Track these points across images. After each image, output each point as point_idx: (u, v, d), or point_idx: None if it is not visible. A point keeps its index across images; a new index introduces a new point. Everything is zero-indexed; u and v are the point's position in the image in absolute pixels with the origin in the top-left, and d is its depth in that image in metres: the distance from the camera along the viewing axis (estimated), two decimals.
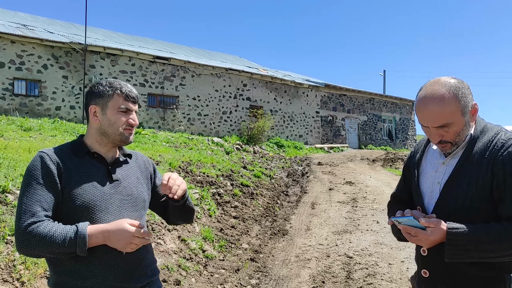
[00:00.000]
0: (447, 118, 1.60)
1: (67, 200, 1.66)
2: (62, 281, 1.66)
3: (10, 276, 3.42)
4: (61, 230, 1.57)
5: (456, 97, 1.60)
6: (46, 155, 1.68)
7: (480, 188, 1.59)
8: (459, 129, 1.64)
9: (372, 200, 8.98)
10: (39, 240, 1.53)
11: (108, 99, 1.78)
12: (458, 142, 1.67)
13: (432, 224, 1.60)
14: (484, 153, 1.62)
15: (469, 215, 1.61)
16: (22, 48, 15.34)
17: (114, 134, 1.79)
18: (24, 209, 1.57)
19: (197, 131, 19.74)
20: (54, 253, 1.56)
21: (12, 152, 6.33)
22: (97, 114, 1.79)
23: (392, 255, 5.49)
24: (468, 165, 1.64)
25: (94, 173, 1.74)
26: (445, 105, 1.59)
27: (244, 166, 11.60)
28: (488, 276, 1.60)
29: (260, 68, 27.42)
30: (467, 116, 1.64)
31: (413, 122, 32.69)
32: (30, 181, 1.63)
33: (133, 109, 1.83)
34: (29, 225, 1.54)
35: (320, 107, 25.89)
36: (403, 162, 14.95)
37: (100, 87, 1.81)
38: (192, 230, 5.92)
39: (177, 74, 19.40)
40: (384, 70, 38.10)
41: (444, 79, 1.66)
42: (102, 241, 1.63)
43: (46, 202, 1.61)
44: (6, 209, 4.32)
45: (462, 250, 1.54)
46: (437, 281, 1.71)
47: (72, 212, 1.65)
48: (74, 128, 12.46)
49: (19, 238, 1.55)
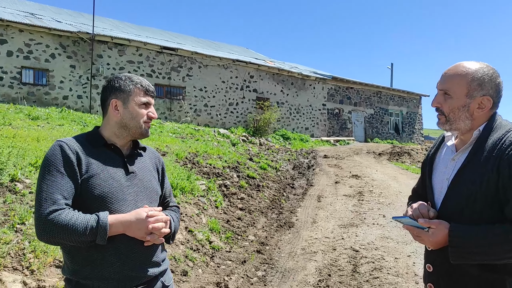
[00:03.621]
0: (450, 86, 1.66)
1: (85, 190, 1.67)
2: (79, 270, 1.68)
3: (20, 265, 3.45)
4: (82, 218, 1.59)
5: (470, 76, 1.64)
6: (65, 144, 1.69)
7: (485, 187, 1.55)
8: (455, 105, 1.66)
9: (378, 194, 8.97)
10: (60, 227, 1.55)
11: (130, 93, 1.82)
12: (452, 120, 1.68)
13: (433, 225, 1.59)
14: (492, 151, 1.57)
15: (474, 215, 1.58)
16: (30, 37, 15.36)
17: (135, 127, 1.83)
18: (45, 197, 1.59)
19: (203, 122, 19.75)
20: (74, 241, 1.58)
21: (20, 141, 6.36)
22: (118, 108, 1.82)
23: (398, 249, 5.48)
24: (475, 162, 1.61)
25: (111, 164, 1.77)
26: (457, 74, 1.66)
27: (250, 158, 11.61)
28: (489, 277, 1.58)
29: (267, 59, 27.32)
30: (470, 101, 1.64)
31: (420, 116, 32.49)
32: (50, 169, 1.64)
33: (152, 103, 1.89)
34: (50, 213, 1.56)
35: (327, 99, 25.80)
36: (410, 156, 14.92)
37: (120, 81, 1.84)
38: (199, 221, 5.94)
39: (184, 65, 19.38)
40: (392, 63, 37.81)
41: (476, 62, 1.69)
42: (122, 231, 1.66)
43: (66, 191, 1.63)
44: (16, 197, 4.35)
45: (464, 253, 1.53)
46: (440, 276, 1.71)
47: (90, 202, 1.67)
48: (81, 117, 12.49)
49: (41, 225, 1.57)
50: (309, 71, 27.32)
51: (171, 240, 1.95)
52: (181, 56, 19.28)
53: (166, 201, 2.04)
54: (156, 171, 1.99)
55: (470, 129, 1.68)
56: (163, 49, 18.57)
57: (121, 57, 17.42)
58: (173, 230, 1.90)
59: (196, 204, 6.43)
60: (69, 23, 18.45)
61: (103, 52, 16.96)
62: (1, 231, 3.68)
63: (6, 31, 14.82)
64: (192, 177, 7.26)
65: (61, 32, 15.88)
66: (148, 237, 1.71)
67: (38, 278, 3.41)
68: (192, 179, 7.15)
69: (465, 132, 1.70)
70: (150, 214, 1.71)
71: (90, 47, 16.50)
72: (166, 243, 1.94)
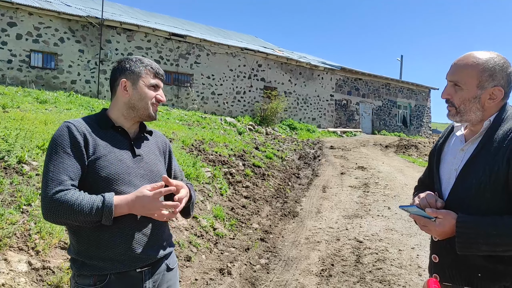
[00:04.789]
0: (461, 77, 1.63)
1: (91, 171, 1.68)
2: (85, 250, 1.69)
3: (25, 245, 3.48)
4: (88, 198, 1.59)
5: (481, 66, 1.61)
6: (73, 126, 1.69)
7: (494, 178, 1.53)
8: (466, 97, 1.63)
9: (384, 186, 8.94)
10: (66, 207, 1.56)
11: (140, 74, 1.83)
12: (462, 112, 1.65)
13: (441, 215, 1.57)
14: (503, 141, 1.55)
15: (482, 205, 1.56)
16: (40, 21, 15.37)
17: (143, 109, 1.83)
18: (52, 177, 1.60)
19: (210, 110, 19.74)
20: (80, 221, 1.59)
21: (28, 123, 6.39)
22: (127, 88, 1.82)
23: (402, 241, 5.48)
24: (484, 153, 1.59)
25: (118, 146, 1.77)
26: (467, 65, 1.63)
27: (256, 147, 11.60)
28: (495, 269, 1.56)
29: (276, 48, 27.16)
30: (482, 92, 1.61)
31: (428, 109, 32.25)
32: (57, 150, 1.64)
33: (161, 86, 1.89)
34: (56, 193, 1.57)
35: (335, 90, 25.66)
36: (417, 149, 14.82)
37: (131, 62, 1.85)
38: (204, 208, 5.96)
39: (192, 52, 19.32)
40: (402, 55, 37.44)
41: (486, 51, 1.66)
42: (127, 211, 1.65)
43: (73, 172, 1.63)
44: (22, 179, 4.39)
45: (472, 243, 1.51)
46: (445, 267, 1.69)
47: (96, 184, 1.68)
48: (89, 102, 12.53)
49: (47, 205, 1.58)
50: (317, 61, 27.15)
51: (191, 211, 1.95)
52: (190, 43, 19.22)
53: None
54: (163, 155, 2.00)
55: (480, 120, 1.66)
56: (171, 36, 18.52)
57: (130, 43, 17.40)
58: (193, 199, 1.91)
59: (201, 191, 6.45)
60: (78, 7, 18.42)
61: (112, 37, 16.94)
62: (8, 211, 3.72)
63: (15, 14, 14.84)
64: (197, 164, 7.27)
65: (71, 16, 15.87)
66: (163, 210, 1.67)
67: (43, 258, 3.44)
68: (197, 166, 7.16)
69: (475, 124, 1.68)
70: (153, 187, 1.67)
71: (99, 32, 16.49)
72: (184, 217, 1.96)
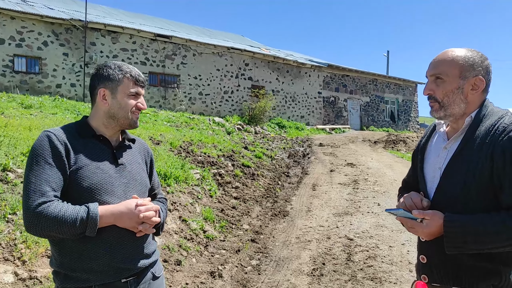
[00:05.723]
0: (442, 69, 1.64)
1: (73, 182, 1.64)
2: (67, 262, 1.65)
3: (11, 255, 3.42)
4: (71, 210, 1.56)
5: (461, 57, 1.63)
6: (53, 135, 1.65)
7: (479, 175, 1.53)
8: (449, 89, 1.63)
9: (373, 182, 8.97)
10: (49, 220, 1.52)
11: (118, 83, 1.78)
12: (446, 105, 1.65)
13: (428, 216, 1.56)
14: (485, 138, 1.55)
15: (468, 203, 1.56)
16: (22, 25, 15.16)
17: (123, 118, 1.79)
18: (33, 189, 1.55)
19: (198, 111, 19.66)
20: (64, 233, 1.55)
21: (12, 130, 6.28)
22: (106, 97, 1.78)
23: (392, 237, 5.50)
24: (468, 150, 1.59)
25: (100, 156, 1.74)
26: (447, 58, 1.65)
27: (245, 147, 11.57)
28: (483, 267, 1.56)
29: (263, 47, 27.15)
30: (464, 82, 1.62)
31: (416, 104, 32.51)
32: (38, 160, 1.60)
33: (142, 93, 1.85)
34: (39, 205, 1.53)
35: (323, 87, 25.72)
36: (405, 144, 14.89)
37: (109, 70, 1.79)
38: (193, 210, 5.92)
39: (179, 52, 19.22)
40: (388, 51, 37.69)
41: (462, 48, 1.69)
42: (112, 221, 1.64)
43: (55, 182, 1.59)
44: (7, 187, 4.31)
45: (460, 242, 1.50)
46: (433, 267, 1.68)
47: (78, 194, 1.64)
48: (75, 106, 12.38)
49: (29, 218, 1.53)
50: (304, 58, 27.18)
51: (160, 231, 1.93)
52: (176, 44, 19.11)
53: (153, 193, 2.02)
54: (145, 163, 1.97)
55: (463, 113, 1.65)
56: (157, 37, 18.39)
57: (115, 45, 17.24)
58: (162, 220, 1.88)
59: (190, 193, 6.40)
60: (61, 10, 18.20)
61: (96, 39, 16.77)
62: None
63: None
64: (186, 166, 7.23)
65: (54, 19, 15.67)
66: (140, 226, 1.69)
67: (30, 268, 3.39)
68: (186, 168, 7.12)
69: (458, 118, 1.67)
70: (140, 203, 1.69)
71: (83, 34, 16.32)
72: (155, 235, 1.92)
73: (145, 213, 1.68)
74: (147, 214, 1.69)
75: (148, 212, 1.70)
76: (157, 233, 1.90)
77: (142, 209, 1.68)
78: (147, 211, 1.70)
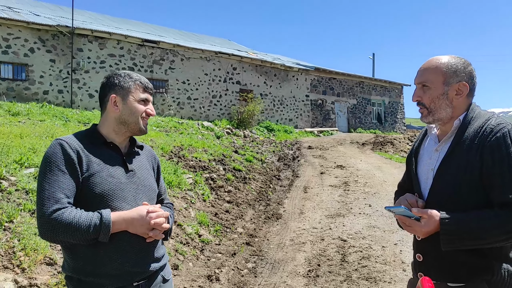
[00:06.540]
0: (427, 77, 1.75)
1: (85, 188, 1.69)
2: (80, 267, 1.69)
3: (10, 263, 3.42)
4: (85, 216, 1.61)
5: (444, 65, 1.74)
6: (65, 143, 1.70)
7: (470, 175, 1.62)
8: (435, 95, 1.74)
9: (363, 183, 9.08)
10: (64, 226, 1.57)
11: (129, 90, 1.85)
12: (434, 111, 1.75)
13: (425, 214, 1.64)
14: (474, 139, 1.64)
15: (460, 201, 1.64)
16: (8, 31, 15.01)
17: (134, 123, 1.85)
18: (48, 196, 1.59)
19: (187, 115, 19.64)
20: (78, 239, 1.60)
21: (3, 138, 6.25)
22: (117, 103, 1.84)
23: (385, 238, 5.59)
24: (458, 151, 1.68)
25: (111, 163, 1.79)
26: (431, 66, 1.77)
27: (235, 151, 11.62)
28: (477, 263, 1.64)
29: (250, 51, 27.23)
30: (448, 88, 1.72)
31: (402, 105, 32.87)
32: (51, 167, 1.64)
33: (150, 100, 1.91)
34: (53, 212, 1.57)
35: (310, 90, 25.88)
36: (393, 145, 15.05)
37: (119, 77, 1.86)
38: (188, 215, 5.95)
39: (166, 57, 19.20)
40: (374, 53, 38.07)
41: (447, 55, 1.79)
42: (124, 227, 1.69)
43: (68, 189, 1.64)
44: (2, 195, 4.29)
45: (455, 239, 1.58)
46: (429, 265, 1.76)
47: (90, 200, 1.69)
48: (63, 112, 12.31)
49: (44, 224, 1.58)
50: (292, 62, 27.34)
51: (169, 236, 1.98)
52: (163, 49, 19.09)
53: (160, 199, 2.07)
54: (153, 170, 2.02)
55: (451, 117, 1.75)
56: (144, 42, 18.36)
57: (102, 51, 17.16)
58: (170, 226, 1.93)
59: (184, 198, 6.43)
60: (47, 16, 18.07)
61: (83, 45, 16.68)
62: None
63: None
64: (178, 171, 7.25)
65: (40, 25, 15.55)
66: (150, 233, 1.74)
67: (30, 276, 3.39)
68: (178, 173, 7.14)
69: (446, 122, 1.77)
70: (151, 210, 1.74)
71: (70, 40, 16.21)
72: (163, 240, 1.97)
73: (156, 220, 1.74)
74: (157, 220, 1.74)
75: (158, 218, 1.75)
76: (165, 238, 1.94)
77: (153, 215, 1.73)
78: (157, 218, 1.75)
